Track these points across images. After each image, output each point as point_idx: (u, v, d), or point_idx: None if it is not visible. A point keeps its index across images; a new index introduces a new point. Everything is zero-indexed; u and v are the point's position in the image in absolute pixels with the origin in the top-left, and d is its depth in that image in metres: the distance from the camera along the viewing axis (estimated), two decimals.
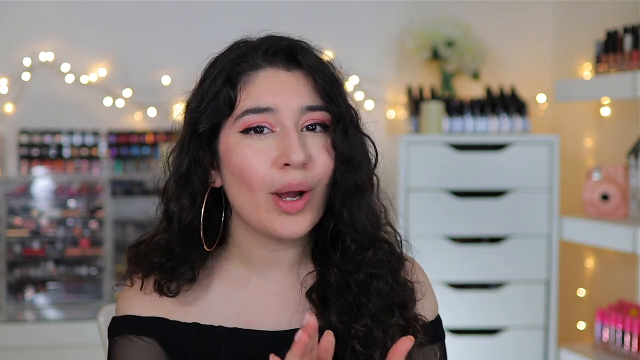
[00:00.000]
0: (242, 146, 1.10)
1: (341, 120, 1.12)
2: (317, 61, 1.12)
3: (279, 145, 1.09)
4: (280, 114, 1.09)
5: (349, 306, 1.13)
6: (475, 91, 3.74)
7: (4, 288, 3.50)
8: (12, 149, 3.66)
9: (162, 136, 3.68)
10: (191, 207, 1.15)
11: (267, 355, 1.14)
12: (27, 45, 3.64)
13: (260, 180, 1.09)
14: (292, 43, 1.13)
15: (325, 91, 1.11)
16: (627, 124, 3.23)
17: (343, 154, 1.12)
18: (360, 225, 1.14)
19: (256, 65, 1.11)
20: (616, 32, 2.93)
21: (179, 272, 1.17)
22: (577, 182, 3.45)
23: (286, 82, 1.10)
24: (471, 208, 3.24)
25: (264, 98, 1.09)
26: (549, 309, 3.26)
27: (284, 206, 1.10)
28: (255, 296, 1.20)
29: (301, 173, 1.09)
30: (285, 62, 1.11)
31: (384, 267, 1.15)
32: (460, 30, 3.56)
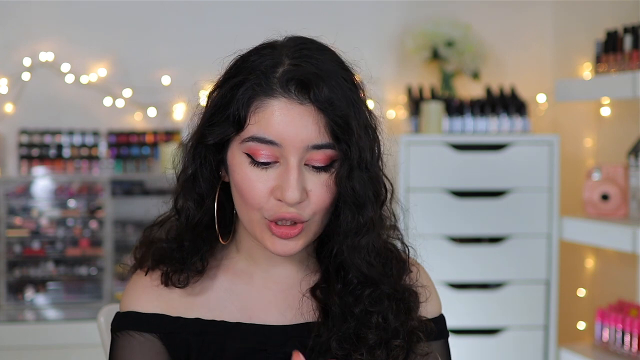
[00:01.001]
0: (245, 168, 1.10)
1: (347, 161, 1.09)
2: (332, 94, 1.08)
3: (279, 178, 1.09)
4: (285, 149, 1.08)
5: (349, 335, 1.14)
6: (475, 91, 3.74)
7: (4, 288, 3.50)
8: (12, 149, 3.67)
9: (162, 136, 3.68)
10: (199, 207, 1.17)
11: (271, 349, 1.16)
12: (27, 45, 3.65)
13: (257, 204, 1.10)
14: (309, 72, 1.08)
15: (335, 131, 1.08)
16: (627, 124, 3.23)
17: (345, 195, 1.11)
18: (359, 265, 1.14)
19: (271, 91, 1.08)
20: (616, 32, 2.93)
21: (188, 263, 1.18)
22: (577, 182, 3.45)
23: (296, 117, 1.07)
24: (471, 208, 3.24)
25: (271, 130, 1.08)
26: (549, 309, 3.26)
27: (276, 231, 1.11)
28: (258, 291, 1.21)
29: (295, 208, 1.09)
30: (299, 93, 1.08)
31: (383, 303, 1.15)
32: (460, 30, 3.56)
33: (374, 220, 1.13)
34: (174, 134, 3.69)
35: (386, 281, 1.16)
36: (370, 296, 1.14)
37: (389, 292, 1.16)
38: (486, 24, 3.79)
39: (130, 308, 1.21)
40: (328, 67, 1.10)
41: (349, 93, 1.10)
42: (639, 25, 2.84)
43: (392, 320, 1.15)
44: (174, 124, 3.73)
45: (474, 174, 3.26)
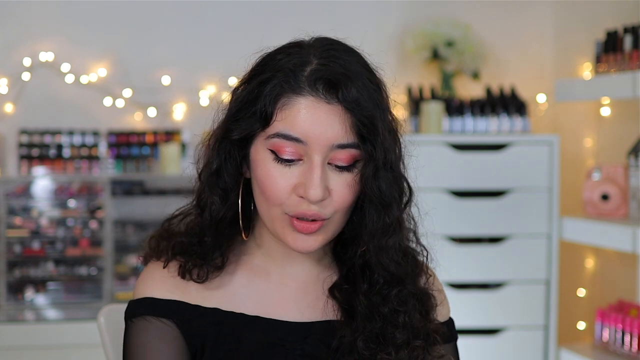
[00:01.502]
0: (269, 164, 1.11)
1: (372, 161, 1.11)
2: (359, 95, 1.09)
3: (302, 176, 1.10)
4: (309, 147, 1.09)
5: (375, 335, 1.15)
6: (475, 91, 3.74)
7: (4, 288, 3.50)
8: (12, 149, 3.67)
9: (162, 136, 3.68)
10: (223, 202, 1.17)
11: (289, 345, 1.17)
12: (27, 45, 3.65)
13: (278, 200, 1.11)
14: (337, 72, 1.09)
15: (361, 131, 1.09)
16: (627, 124, 3.23)
17: (372, 195, 1.12)
18: (387, 264, 1.15)
19: (298, 89, 1.09)
20: (616, 32, 2.93)
21: (209, 259, 1.19)
22: (577, 182, 3.45)
23: (323, 116, 1.08)
24: (471, 208, 3.24)
25: (297, 128, 1.09)
26: (549, 309, 3.26)
27: (297, 226, 1.12)
28: (275, 288, 1.22)
29: (316, 206, 1.10)
30: (326, 92, 1.09)
31: (409, 302, 1.17)
32: (460, 30, 3.56)
33: (400, 220, 1.15)
34: (174, 134, 3.69)
35: (411, 280, 1.18)
36: (398, 295, 1.16)
37: (414, 292, 1.18)
38: (486, 24, 3.79)
39: (147, 294, 1.20)
40: (355, 68, 1.12)
41: (374, 95, 1.12)
42: (639, 25, 2.84)
43: (417, 319, 1.16)
44: (174, 124, 3.73)
45: (474, 174, 3.26)
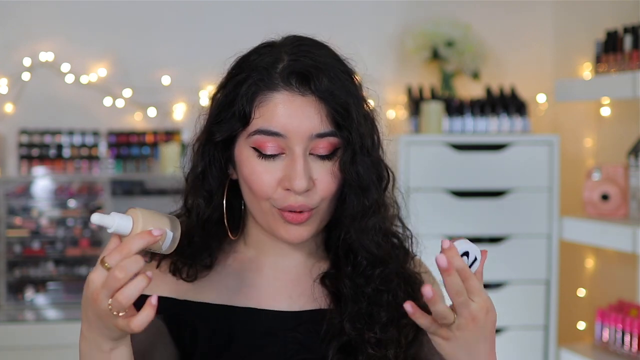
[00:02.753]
0: (253, 161, 1.14)
1: (349, 147, 1.13)
2: (331, 84, 1.12)
3: (286, 169, 1.13)
4: (289, 140, 1.12)
5: (361, 315, 1.17)
6: (475, 91, 3.74)
7: (4, 288, 3.50)
8: (12, 149, 3.67)
9: (162, 136, 3.68)
10: (208, 204, 1.20)
11: (282, 334, 1.18)
12: (27, 45, 3.64)
13: (266, 195, 1.14)
14: (308, 65, 1.12)
15: (336, 119, 1.12)
16: (627, 124, 3.23)
17: (350, 179, 1.15)
18: (368, 245, 1.17)
19: (273, 86, 1.12)
20: (616, 32, 2.93)
21: (198, 258, 1.21)
22: (577, 182, 3.45)
23: (298, 108, 1.11)
24: (471, 208, 3.24)
25: (275, 122, 1.11)
26: (549, 309, 3.26)
27: (287, 217, 1.14)
28: (268, 281, 1.23)
29: (302, 197, 1.13)
30: (300, 85, 1.12)
31: (392, 281, 1.19)
32: (460, 30, 3.56)
33: (378, 203, 1.18)
34: (174, 134, 3.69)
35: (394, 261, 1.20)
36: (381, 275, 1.18)
37: (397, 271, 1.20)
38: (486, 24, 3.79)
39: None
40: (325, 60, 1.15)
41: (347, 84, 1.15)
42: (639, 25, 2.84)
43: (401, 298, 1.17)
44: (174, 124, 3.73)
45: (474, 174, 3.26)
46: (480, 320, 1.03)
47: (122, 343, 1.06)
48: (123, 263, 0.97)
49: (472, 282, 1.02)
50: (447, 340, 1.05)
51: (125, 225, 1.02)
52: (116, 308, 0.98)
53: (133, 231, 1.03)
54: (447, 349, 1.06)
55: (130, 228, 1.03)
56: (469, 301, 1.02)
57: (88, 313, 1.03)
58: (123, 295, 0.97)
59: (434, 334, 1.05)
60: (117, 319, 0.99)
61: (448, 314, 1.02)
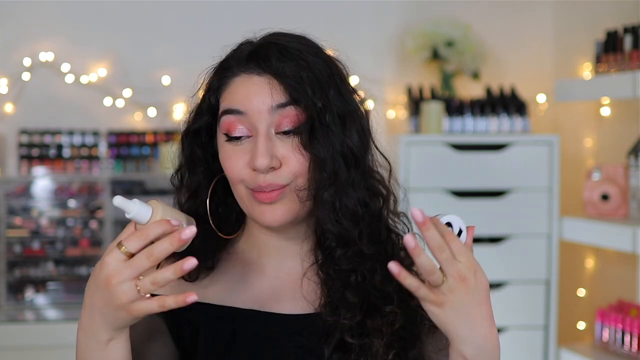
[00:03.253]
0: (225, 146, 1.17)
1: (307, 122, 1.13)
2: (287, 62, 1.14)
3: (251, 150, 1.14)
4: (252, 117, 1.14)
5: (335, 300, 1.15)
6: (475, 91, 3.74)
7: (4, 288, 3.50)
8: (12, 149, 3.66)
9: (162, 136, 3.68)
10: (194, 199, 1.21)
11: (284, 337, 1.17)
12: (27, 45, 3.64)
13: (238, 178, 1.16)
14: (263, 45, 1.17)
15: (291, 93, 1.13)
16: (627, 124, 3.23)
17: (311, 154, 1.14)
18: (325, 221, 1.14)
19: (233, 71, 1.17)
20: (616, 32, 2.93)
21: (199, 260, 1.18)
22: (577, 182, 3.45)
23: (256, 85, 1.15)
24: (471, 208, 3.24)
25: (236, 101, 1.16)
26: (549, 309, 3.26)
27: (259, 197, 1.15)
28: (270, 282, 1.22)
29: (270, 175, 1.13)
30: (256, 65, 1.16)
31: (360, 262, 1.15)
32: (460, 30, 3.56)
33: (337, 175, 1.14)
34: (174, 134, 3.69)
35: (366, 242, 1.15)
36: (345, 255, 1.15)
37: (370, 253, 1.15)
38: (486, 24, 3.79)
39: None
40: (289, 43, 1.17)
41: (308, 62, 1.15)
42: (639, 25, 2.84)
43: (377, 282, 1.14)
44: (174, 124, 3.73)
45: (474, 174, 3.26)
46: (470, 280, 1.01)
47: (121, 334, 1.06)
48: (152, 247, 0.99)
49: (456, 243, 1.00)
50: (441, 306, 1.01)
51: (144, 213, 1.04)
52: (144, 289, 0.99)
53: (151, 220, 1.04)
54: (443, 317, 1.02)
55: (149, 217, 1.04)
56: (454, 260, 1.00)
57: (94, 298, 1.02)
58: (158, 279, 0.99)
59: (425, 300, 1.01)
60: (135, 303, 1.00)
61: (434, 267, 0.98)
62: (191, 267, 0.99)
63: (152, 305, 1.00)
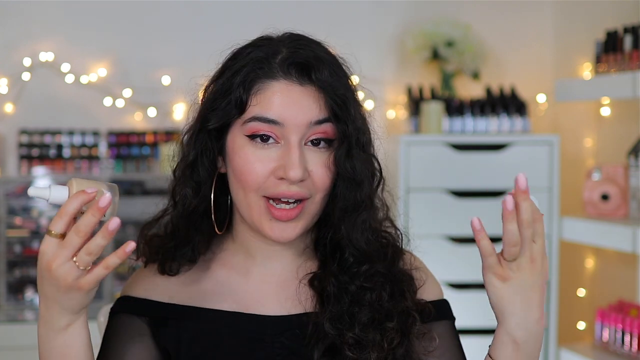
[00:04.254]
0: (246, 150, 1.13)
1: (346, 140, 1.13)
2: (331, 77, 1.12)
3: (281, 158, 1.12)
4: (286, 129, 1.11)
5: (342, 314, 1.15)
6: (475, 91, 3.74)
7: (4, 288, 3.50)
8: (12, 149, 3.67)
9: (162, 136, 3.68)
10: (195, 194, 1.19)
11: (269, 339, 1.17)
12: (27, 45, 3.64)
13: (256, 184, 1.12)
14: (309, 57, 1.13)
15: (334, 110, 1.12)
16: (627, 124, 3.23)
17: (344, 173, 1.14)
18: (358, 240, 1.16)
19: (272, 74, 1.12)
20: (616, 32, 2.93)
21: (179, 252, 1.21)
22: (577, 182, 3.45)
23: (297, 97, 1.11)
24: (471, 208, 3.24)
25: (273, 110, 1.11)
26: (549, 309, 3.26)
27: (275, 213, 1.13)
28: (255, 285, 1.22)
29: (296, 186, 1.12)
30: (299, 75, 1.12)
31: (378, 280, 1.17)
32: (460, 30, 3.56)
33: (371, 198, 1.17)
34: (174, 134, 3.69)
35: (381, 260, 1.18)
36: (366, 273, 1.16)
37: (384, 272, 1.18)
38: (486, 24, 3.79)
39: (125, 293, 1.24)
40: (324, 55, 1.15)
41: (344, 79, 1.15)
42: (639, 25, 2.84)
43: (385, 300, 1.16)
44: (174, 124, 3.73)
45: (474, 174, 3.26)
46: (538, 264, 1.05)
47: (79, 319, 1.06)
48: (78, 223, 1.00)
49: (539, 225, 1.04)
50: (505, 280, 1.05)
51: (62, 194, 1.04)
52: (83, 263, 1.00)
53: None
54: (503, 292, 1.06)
55: (66, 196, 1.04)
56: (532, 242, 1.04)
57: (44, 287, 1.03)
58: (90, 248, 1.00)
59: (491, 271, 1.05)
60: (81, 279, 1.01)
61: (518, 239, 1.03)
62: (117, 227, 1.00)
63: (98, 272, 1.01)
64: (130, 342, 1.19)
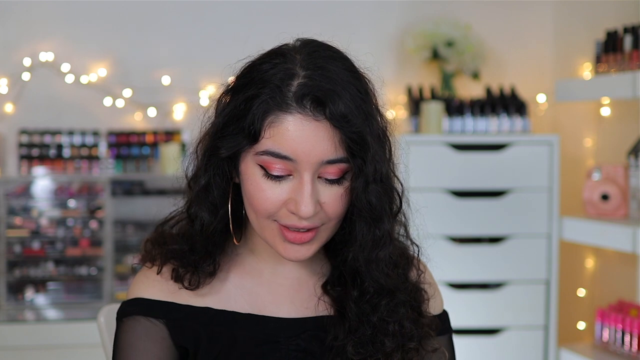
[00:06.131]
0: (259, 179, 1.10)
1: (362, 174, 1.10)
2: (347, 110, 1.07)
3: (292, 191, 1.10)
4: (299, 164, 1.08)
5: (365, 341, 1.15)
6: (475, 91, 3.74)
7: (4, 288, 3.50)
8: (12, 149, 3.67)
9: (162, 136, 3.68)
10: (213, 216, 1.17)
11: (284, 341, 1.17)
12: (27, 45, 3.65)
13: (267, 213, 1.11)
14: (324, 87, 1.07)
15: (350, 146, 1.08)
16: (627, 124, 3.24)
17: (361, 207, 1.11)
18: (377, 277, 1.14)
19: (285, 106, 1.07)
20: (616, 32, 2.93)
21: (201, 267, 1.19)
22: (577, 182, 3.45)
23: (311, 133, 1.07)
24: (471, 208, 3.24)
25: (286, 146, 1.07)
26: (549, 309, 3.26)
27: (289, 236, 1.12)
28: (269, 287, 1.22)
29: (307, 220, 1.10)
30: (314, 109, 1.07)
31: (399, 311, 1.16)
32: (460, 30, 3.56)
33: (390, 233, 1.14)
34: (174, 134, 3.69)
35: (402, 288, 1.17)
36: (387, 306, 1.15)
37: (404, 300, 1.17)
38: (486, 24, 3.79)
39: (138, 295, 1.21)
40: (342, 77, 1.10)
41: (363, 106, 1.11)
42: (639, 25, 2.84)
43: (407, 326, 1.16)
44: (174, 124, 3.73)
45: (474, 174, 3.26)
46: None
47: None
48: None
49: None
50: None
51: None
52: None
53: None
54: None
55: None
56: None
57: None
58: None
59: None
60: None
61: None
62: None
63: None
64: (152, 346, 1.18)
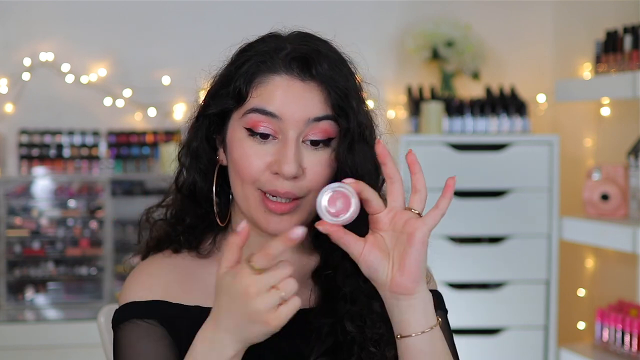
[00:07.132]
0: (244, 143, 1.13)
1: (348, 134, 1.13)
2: (333, 72, 1.13)
3: (277, 153, 1.12)
4: (284, 123, 1.11)
5: (361, 313, 1.16)
6: (475, 91, 3.74)
7: (4, 288, 3.50)
8: (12, 149, 3.66)
9: (162, 136, 3.68)
10: (203, 180, 1.21)
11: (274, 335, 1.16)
12: (27, 45, 3.65)
13: (252, 177, 1.13)
14: (310, 50, 1.13)
15: (336, 104, 1.12)
16: (627, 124, 3.24)
17: (345, 168, 1.13)
18: None
19: (274, 69, 1.13)
20: (616, 32, 2.93)
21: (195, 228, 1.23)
22: (577, 182, 3.45)
23: (297, 93, 1.12)
24: (471, 208, 3.24)
25: (272, 103, 1.11)
26: (549, 309, 3.26)
27: (270, 205, 1.13)
28: None
29: (290, 183, 1.12)
30: (301, 70, 1.12)
31: None
32: (460, 30, 3.56)
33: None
34: (174, 134, 3.69)
35: None
36: None
37: None
38: (486, 24, 3.79)
39: (129, 300, 1.22)
40: (328, 52, 1.16)
41: (347, 75, 1.16)
42: (639, 25, 2.84)
43: None
44: (174, 124, 3.73)
45: (474, 174, 3.26)
46: None
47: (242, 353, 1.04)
48: None
49: None
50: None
51: None
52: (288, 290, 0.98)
53: None
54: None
55: None
56: None
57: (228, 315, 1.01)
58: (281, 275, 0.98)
59: None
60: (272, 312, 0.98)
61: None
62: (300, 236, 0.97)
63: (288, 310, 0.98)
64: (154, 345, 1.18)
